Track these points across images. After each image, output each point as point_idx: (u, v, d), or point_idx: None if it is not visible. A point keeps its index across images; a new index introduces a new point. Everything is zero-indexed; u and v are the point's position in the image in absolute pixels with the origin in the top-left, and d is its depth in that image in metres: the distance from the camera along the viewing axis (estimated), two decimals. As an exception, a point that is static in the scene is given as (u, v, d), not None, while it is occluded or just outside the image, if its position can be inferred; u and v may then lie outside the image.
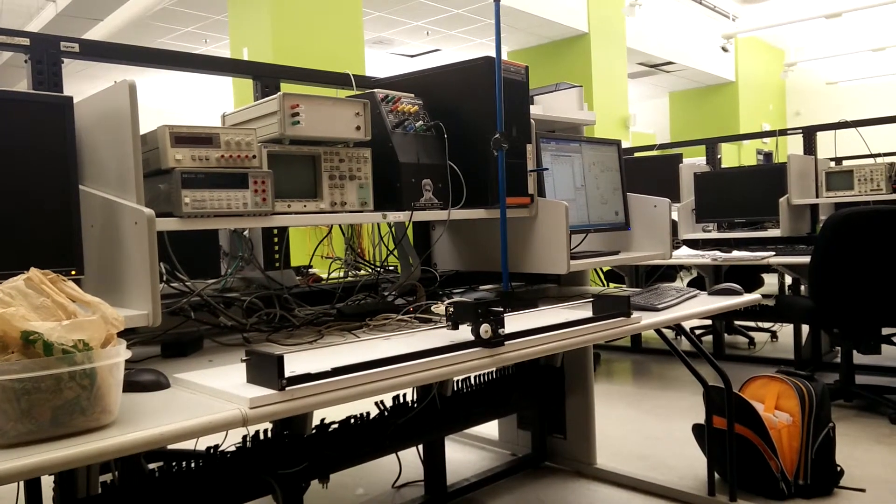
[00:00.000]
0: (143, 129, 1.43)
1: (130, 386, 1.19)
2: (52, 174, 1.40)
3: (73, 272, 1.38)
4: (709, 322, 5.12)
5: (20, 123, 1.36)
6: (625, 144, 7.09)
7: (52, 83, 1.69)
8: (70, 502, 1.53)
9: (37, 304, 1.03)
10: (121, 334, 1.10)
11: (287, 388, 1.16)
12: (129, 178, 1.38)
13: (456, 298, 1.98)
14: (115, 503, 1.57)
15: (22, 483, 1.71)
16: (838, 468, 2.54)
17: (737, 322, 5.26)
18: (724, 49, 10.57)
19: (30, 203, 1.36)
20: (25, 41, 1.67)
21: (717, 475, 2.52)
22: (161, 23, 7.90)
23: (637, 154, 5.93)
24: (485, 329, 1.45)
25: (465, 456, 3.05)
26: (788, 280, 5.20)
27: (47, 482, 1.60)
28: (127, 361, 1.08)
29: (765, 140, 12.27)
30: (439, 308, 1.82)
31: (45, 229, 1.38)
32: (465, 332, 1.51)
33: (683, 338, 2.51)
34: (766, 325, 5.36)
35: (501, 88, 1.95)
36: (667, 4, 10.35)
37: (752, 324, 5.34)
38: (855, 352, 3.47)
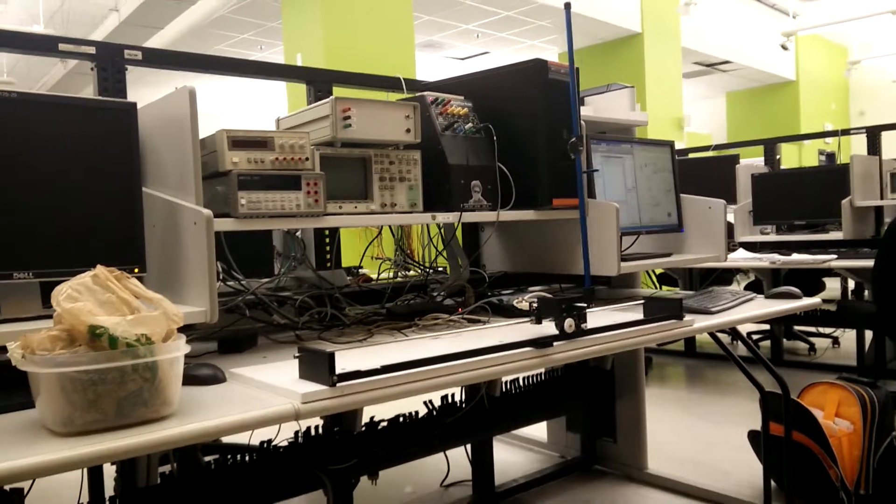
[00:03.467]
0: (202, 133, 1.48)
1: (189, 379, 1.24)
2: (118, 177, 1.46)
3: (137, 270, 1.44)
4: (767, 327, 4.98)
5: (88, 128, 1.43)
6: (679, 145, 6.96)
7: (117, 90, 1.77)
8: (131, 492, 1.59)
9: (103, 299, 1.08)
10: (180, 330, 1.14)
11: (338, 385, 1.19)
12: (188, 180, 1.43)
13: (538, 293, 1.98)
14: (173, 494, 1.62)
15: (85, 472, 1.79)
16: (903, 480, 2.44)
17: (796, 327, 5.10)
18: (784, 47, 10.26)
19: (97, 204, 1.43)
20: (91, 50, 1.75)
21: (773, 483, 2.46)
22: (218, 30, 8.13)
23: (692, 155, 5.81)
24: (569, 324, 1.51)
25: (513, 457, 3.05)
26: (851, 284, 5.02)
27: (109, 472, 1.67)
28: (186, 356, 1.12)
29: (827, 140, 11.85)
30: (522, 303, 1.86)
31: (111, 229, 1.44)
32: (513, 331, 1.51)
33: (739, 342, 2.46)
34: (828, 330, 5.18)
35: (577, 92, 1.95)
36: (723, 3, 10.12)
37: (812, 329, 5.17)
38: (922, 359, 3.32)
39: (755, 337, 5.14)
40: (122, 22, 7.63)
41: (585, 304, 1.58)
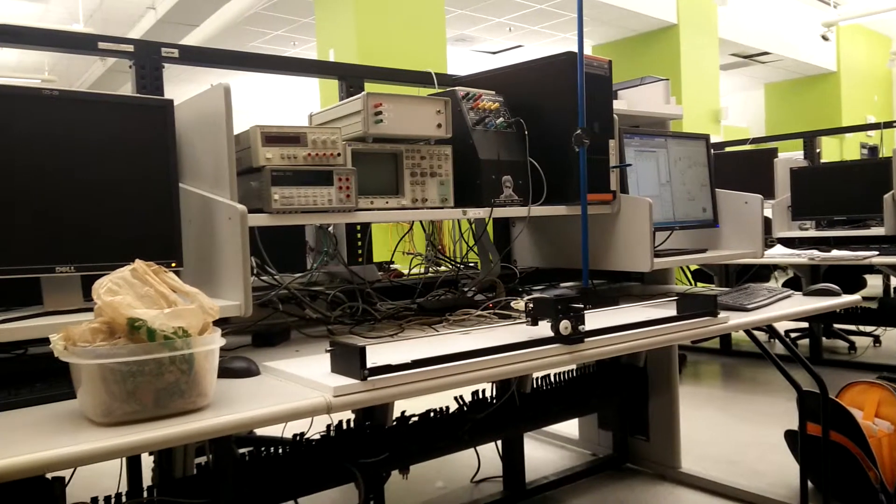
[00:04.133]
0: (236, 129, 1.50)
1: (224, 372, 1.26)
2: (155, 173, 1.49)
3: (174, 264, 1.47)
4: (806, 325, 4.88)
5: (126, 125, 1.46)
6: (716, 139, 6.83)
7: (154, 87, 1.80)
8: (168, 481, 1.62)
9: (141, 293, 1.11)
10: (215, 323, 1.16)
11: (368, 378, 1.20)
12: (223, 176, 1.45)
13: (535, 294, 1.97)
14: (209, 484, 1.65)
15: (124, 462, 1.84)
16: (947, 483, 2.37)
17: (836, 325, 4.98)
18: (825, 38, 10.01)
19: (135, 200, 1.46)
20: (130, 48, 1.78)
21: (810, 484, 2.41)
22: (252, 27, 8.23)
23: (728, 149, 5.71)
24: (564, 325, 1.45)
25: (544, 454, 3.04)
26: (894, 282, 4.89)
27: (146, 463, 1.71)
28: (221, 349, 1.14)
29: (869, 133, 11.54)
30: (519, 304, 1.83)
31: (149, 224, 1.47)
32: (544, 329, 1.50)
33: (777, 340, 2.42)
34: (869, 328, 5.05)
35: (584, 83, 1.93)
36: (761, -8, 9.91)
37: (853, 327, 5.05)
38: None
39: (794, 335, 5.05)
40: (158, 20, 7.76)
41: (583, 306, 1.51)
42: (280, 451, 1.83)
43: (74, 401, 1.09)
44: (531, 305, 1.54)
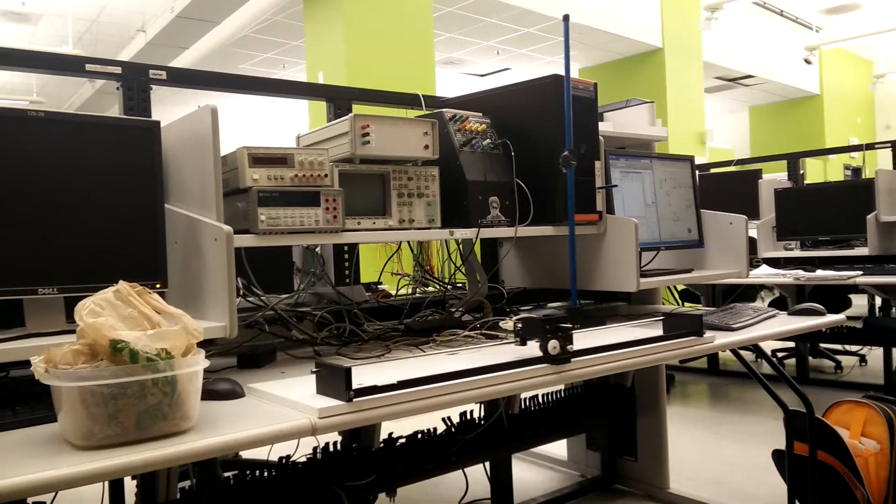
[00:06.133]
0: (223, 150, 1.51)
1: (208, 394, 1.25)
2: (141, 193, 1.49)
3: (158, 285, 1.47)
4: (792, 344, 4.90)
5: (112, 147, 1.46)
6: (701, 160, 6.91)
7: (142, 108, 1.80)
8: (151, 506, 1.60)
9: (124, 314, 1.10)
10: (200, 345, 1.16)
11: (354, 400, 1.19)
12: (209, 196, 1.45)
13: (523, 314, 1.97)
14: (193, 508, 1.63)
15: (107, 486, 1.81)
16: (934, 502, 2.37)
17: (822, 345, 5.01)
18: (808, 61, 10.18)
19: (120, 220, 1.46)
20: (117, 69, 1.79)
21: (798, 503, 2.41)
22: (242, 49, 8.27)
23: (714, 170, 5.77)
24: (553, 345, 1.46)
25: (532, 475, 3.02)
26: (878, 301, 4.93)
27: (129, 487, 1.69)
28: (205, 371, 1.13)
29: (852, 155, 11.72)
30: (507, 324, 1.83)
31: (134, 245, 1.47)
32: (532, 349, 1.50)
33: (763, 360, 2.43)
34: (854, 348, 5.09)
35: (570, 105, 1.95)
36: (745, 17, 10.08)
37: (839, 347, 5.08)
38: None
39: (780, 355, 5.07)
40: (148, 42, 7.79)
41: (571, 325, 1.51)
42: (265, 474, 1.81)
43: (55, 424, 1.08)
44: (520, 325, 1.54)
